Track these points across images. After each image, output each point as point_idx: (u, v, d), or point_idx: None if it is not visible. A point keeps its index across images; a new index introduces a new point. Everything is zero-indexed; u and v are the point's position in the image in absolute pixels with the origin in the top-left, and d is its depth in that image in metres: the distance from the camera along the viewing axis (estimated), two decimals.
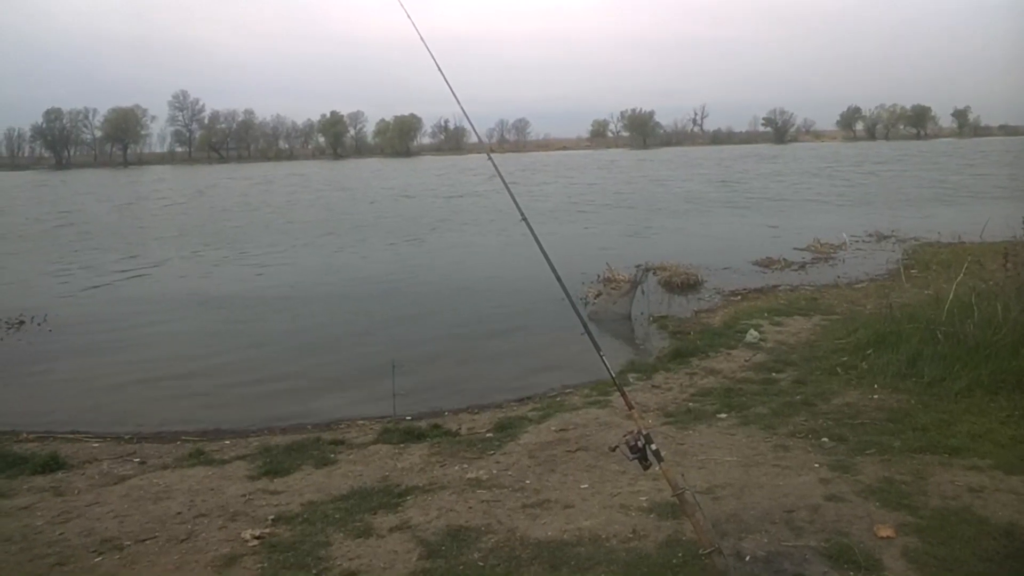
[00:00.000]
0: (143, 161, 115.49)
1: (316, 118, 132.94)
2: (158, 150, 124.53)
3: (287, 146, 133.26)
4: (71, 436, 7.19)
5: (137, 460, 6.28)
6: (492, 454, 5.78)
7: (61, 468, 6.01)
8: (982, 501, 4.33)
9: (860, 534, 4.02)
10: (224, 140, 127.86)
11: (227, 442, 6.77)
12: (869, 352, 7.36)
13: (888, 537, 3.97)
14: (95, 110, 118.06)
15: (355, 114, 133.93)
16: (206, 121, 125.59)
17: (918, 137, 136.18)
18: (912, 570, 3.66)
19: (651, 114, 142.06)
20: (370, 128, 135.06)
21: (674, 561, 3.83)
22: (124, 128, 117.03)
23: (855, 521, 4.18)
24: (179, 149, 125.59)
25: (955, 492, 4.48)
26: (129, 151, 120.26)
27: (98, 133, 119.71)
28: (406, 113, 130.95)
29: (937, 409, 5.99)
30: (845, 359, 7.46)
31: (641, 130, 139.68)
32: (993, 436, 5.37)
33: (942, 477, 4.71)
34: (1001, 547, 3.82)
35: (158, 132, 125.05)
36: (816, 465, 5.04)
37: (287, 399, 8.39)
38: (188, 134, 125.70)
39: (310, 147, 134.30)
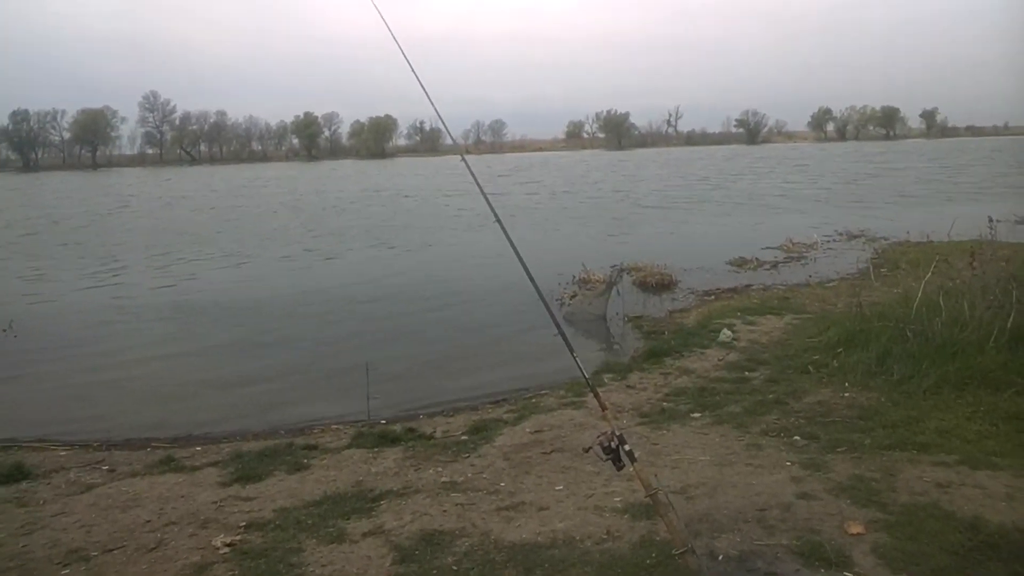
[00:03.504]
0: (113, 163, 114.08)
1: (290, 119, 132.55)
2: (128, 152, 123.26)
3: (260, 148, 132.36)
4: (38, 444, 7.07)
5: (106, 468, 6.18)
6: (467, 457, 5.76)
7: (26, 478, 5.89)
8: (949, 496, 4.38)
9: (831, 531, 4.05)
10: (196, 142, 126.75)
11: (198, 448, 6.69)
12: (840, 350, 7.43)
13: (858, 534, 4.00)
14: (63, 111, 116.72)
15: (329, 115, 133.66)
16: (177, 122, 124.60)
17: (887, 138, 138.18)
18: (881, 566, 3.69)
19: (626, 115, 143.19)
20: (345, 129, 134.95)
21: (648, 561, 3.83)
22: (93, 130, 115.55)
23: (826, 519, 4.20)
24: (150, 151, 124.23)
25: (923, 488, 4.53)
26: (99, 153, 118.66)
27: (66, 135, 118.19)
28: (381, 114, 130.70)
29: (906, 406, 6.05)
30: (816, 357, 7.53)
31: (616, 131, 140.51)
32: (960, 432, 5.44)
33: (911, 473, 4.76)
34: (966, 540, 3.86)
35: (128, 134, 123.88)
36: (788, 463, 5.06)
37: (259, 404, 8.31)
38: (159, 135, 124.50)
39: (284, 149, 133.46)
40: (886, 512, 4.24)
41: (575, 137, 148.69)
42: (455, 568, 3.92)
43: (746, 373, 7.57)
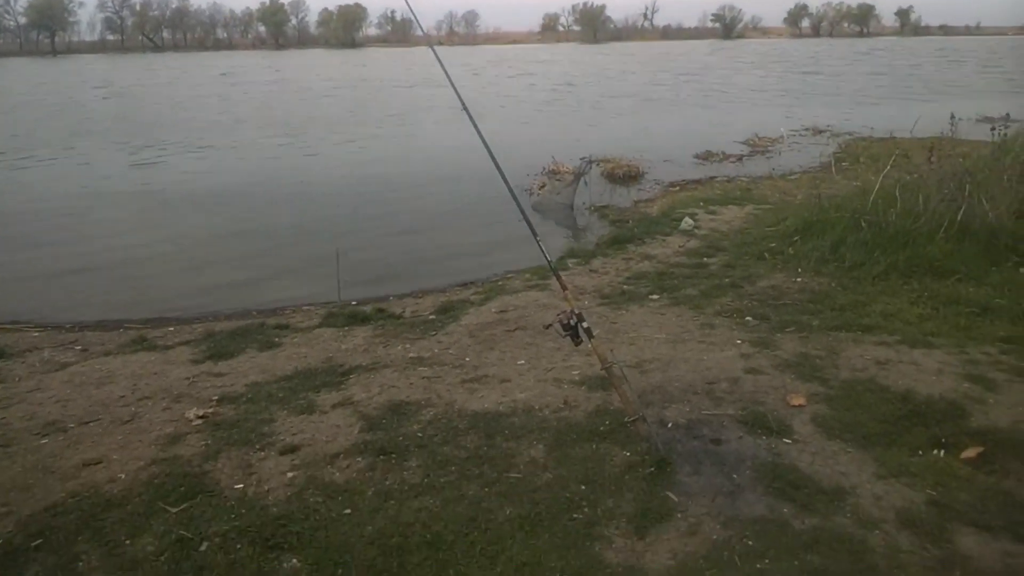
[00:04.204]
0: (72, 50, 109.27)
1: (255, 6, 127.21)
2: (88, 38, 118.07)
3: (225, 35, 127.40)
4: (10, 326, 7.12)
5: (79, 348, 6.29)
6: (434, 334, 5.94)
7: (0, 357, 6.00)
8: (886, 372, 4.65)
9: (774, 403, 4.30)
10: (158, 28, 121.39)
11: (171, 329, 6.81)
12: (796, 239, 7.66)
13: (799, 405, 4.26)
14: None
15: (296, 2, 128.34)
16: (138, 7, 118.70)
17: (861, 35, 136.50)
18: (818, 433, 3.96)
19: (602, 8, 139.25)
20: (313, 18, 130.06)
21: (601, 428, 4.06)
22: (50, 14, 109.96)
23: (771, 392, 4.45)
24: (111, 37, 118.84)
25: (863, 365, 4.79)
26: (57, 39, 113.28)
27: (22, 20, 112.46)
28: (351, 2, 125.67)
29: (855, 291, 6.33)
30: (773, 245, 7.76)
31: (592, 25, 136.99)
32: (903, 315, 5.73)
33: (853, 352, 5.01)
34: (896, 410, 4.15)
35: (88, 19, 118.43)
36: (739, 342, 5.30)
37: (231, 288, 8.40)
38: (119, 21, 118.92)
39: (250, 37, 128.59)
40: (827, 386, 4.50)
41: (550, 30, 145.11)
42: (420, 435, 4.12)
43: (705, 259, 7.79)
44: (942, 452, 3.73)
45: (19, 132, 22.82)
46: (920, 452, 3.76)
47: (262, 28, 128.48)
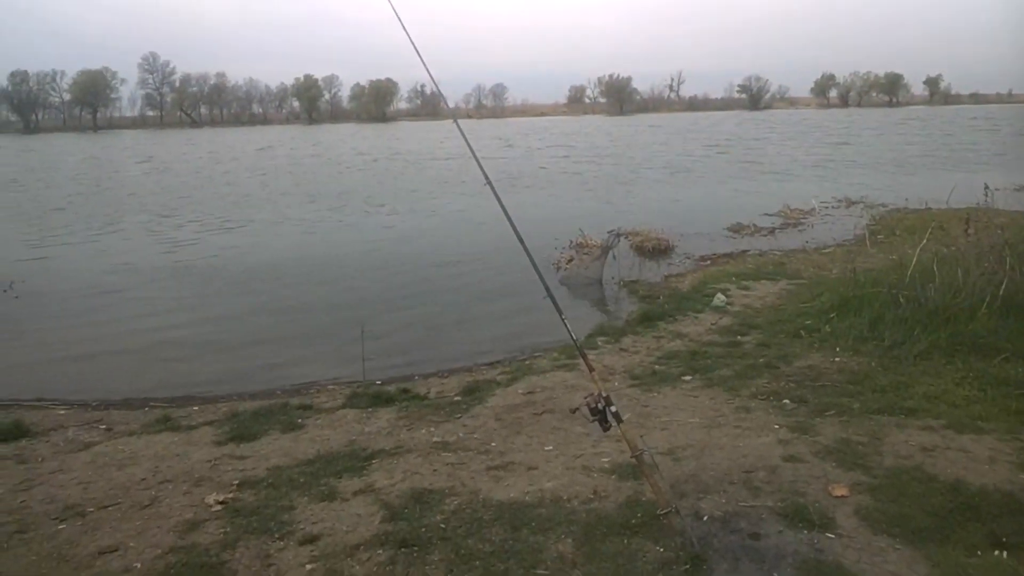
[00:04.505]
0: (113, 125, 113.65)
1: (290, 82, 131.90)
2: (128, 114, 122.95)
3: (260, 110, 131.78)
4: (36, 404, 7.16)
5: (103, 427, 6.26)
6: (459, 417, 5.82)
7: (25, 436, 5.98)
8: (933, 460, 4.42)
9: (816, 494, 4.08)
10: (196, 104, 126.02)
11: (195, 408, 6.78)
12: (832, 316, 7.47)
13: (842, 496, 4.04)
14: (62, 72, 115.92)
15: (329, 78, 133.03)
16: (177, 84, 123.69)
17: (890, 104, 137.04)
18: (863, 527, 3.73)
19: (628, 80, 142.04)
20: (345, 92, 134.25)
21: (633, 521, 3.87)
22: (93, 91, 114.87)
23: (811, 481, 4.23)
24: (150, 113, 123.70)
25: (908, 452, 4.56)
26: (99, 115, 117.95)
27: (66, 96, 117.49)
28: (382, 77, 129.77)
29: (896, 371, 6.09)
30: (809, 323, 7.56)
31: (618, 96, 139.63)
32: (947, 397, 5.48)
33: (897, 437, 4.79)
34: (947, 502, 3.90)
35: (128, 96, 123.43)
36: (776, 426, 5.10)
37: (257, 366, 8.40)
38: (159, 98, 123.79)
39: (284, 112, 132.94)
40: (871, 475, 4.28)
41: (577, 102, 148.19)
42: (443, 526, 3.96)
43: (738, 337, 7.61)
44: (1004, 553, 3.46)
45: (63, 206, 23.48)
46: (979, 552, 3.49)
47: (296, 103, 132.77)
